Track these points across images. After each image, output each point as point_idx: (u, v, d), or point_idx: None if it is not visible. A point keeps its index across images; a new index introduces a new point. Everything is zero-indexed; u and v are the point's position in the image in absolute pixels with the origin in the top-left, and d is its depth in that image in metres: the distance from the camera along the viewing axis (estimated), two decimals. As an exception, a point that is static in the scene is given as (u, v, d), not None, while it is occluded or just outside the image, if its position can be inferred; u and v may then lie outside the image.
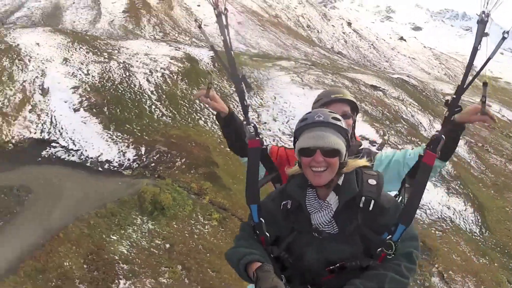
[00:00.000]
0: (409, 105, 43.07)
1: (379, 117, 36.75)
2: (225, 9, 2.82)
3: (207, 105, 3.05)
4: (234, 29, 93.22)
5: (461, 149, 40.05)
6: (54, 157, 25.34)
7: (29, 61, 35.06)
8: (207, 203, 21.16)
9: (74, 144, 26.10)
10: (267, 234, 2.54)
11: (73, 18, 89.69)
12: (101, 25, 79.93)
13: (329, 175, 2.39)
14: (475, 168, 39.46)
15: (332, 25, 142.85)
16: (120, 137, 27.31)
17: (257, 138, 2.71)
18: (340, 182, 2.44)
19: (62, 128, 27.48)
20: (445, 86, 71.09)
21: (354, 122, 3.54)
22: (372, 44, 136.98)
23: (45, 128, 27.77)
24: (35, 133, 27.16)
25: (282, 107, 35.42)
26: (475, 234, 28.80)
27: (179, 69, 35.33)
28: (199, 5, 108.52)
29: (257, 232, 2.58)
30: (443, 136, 2.52)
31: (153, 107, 31.28)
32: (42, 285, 15.40)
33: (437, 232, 26.40)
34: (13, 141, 26.55)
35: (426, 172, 2.43)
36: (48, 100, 30.34)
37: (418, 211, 19.81)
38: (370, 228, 2.38)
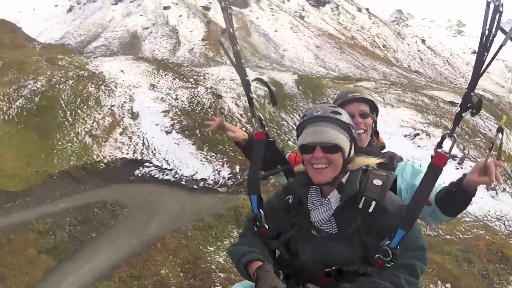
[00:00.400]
0: (486, 119, 43.32)
1: (458, 132, 35.87)
2: (229, 6, 3.02)
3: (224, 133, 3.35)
4: (313, 52, 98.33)
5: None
6: (147, 176, 27.48)
7: (115, 87, 38.02)
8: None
9: (168, 163, 28.24)
10: (266, 226, 2.63)
11: (152, 47, 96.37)
12: (181, 53, 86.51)
13: (331, 172, 2.43)
14: None
15: (407, 44, 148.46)
16: (214, 157, 29.11)
17: (261, 130, 2.88)
18: (344, 180, 2.48)
19: (155, 149, 29.73)
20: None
21: (375, 122, 3.56)
22: (447, 61, 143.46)
23: (137, 149, 30.11)
24: (127, 153, 29.50)
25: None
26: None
27: (266, 93, 37.25)
28: (276, 31, 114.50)
29: (257, 224, 2.67)
30: (454, 135, 2.57)
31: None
32: None
33: (516, 243, 26.82)
34: (105, 160, 28.91)
35: (434, 174, 2.40)
36: (139, 123, 32.94)
37: (496, 222, 19.42)
38: (369, 231, 2.37)
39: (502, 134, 2.40)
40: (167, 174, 27.26)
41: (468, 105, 2.51)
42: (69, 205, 23.40)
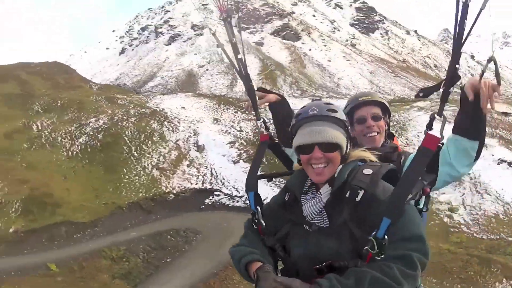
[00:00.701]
0: None
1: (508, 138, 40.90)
2: (230, 16, 3.15)
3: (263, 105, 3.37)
4: (367, 78, 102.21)
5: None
6: (218, 203, 28.76)
7: (179, 122, 39.69)
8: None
9: (237, 191, 29.48)
10: (263, 223, 2.69)
11: (210, 84, 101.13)
12: (239, 89, 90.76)
13: (330, 171, 2.46)
14: None
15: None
16: (283, 183, 30.47)
17: (266, 133, 3.00)
18: (336, 174, 2.48)
19: (223, 178, 30.96)
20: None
21: (388, 124, 3.62)
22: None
23: (206, 179, 31.29)
24: (196, 184, 30.81)
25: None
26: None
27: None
28: (329, 60, 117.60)
29: (255, 221, 2.74)
30: (444, 115, 2.58)
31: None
32: None
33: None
34: (174, 191, 30.13)
35: (425, 157, 2.40)
36: (205, 155, 34.54)
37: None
38: (360, 223, 2.34)
39: (496, 63, 2.44)
40: (237, 201, 28.21)
41: (455, 80, 2.59)
42: (141, 234, 24.30)
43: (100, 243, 24.29)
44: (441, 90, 2.62)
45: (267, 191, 28.21)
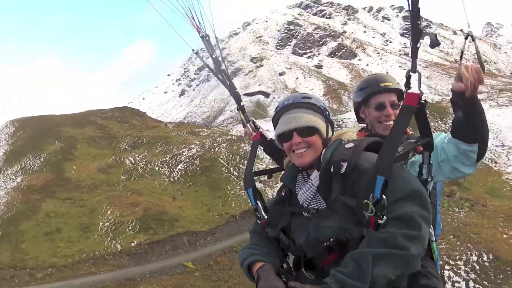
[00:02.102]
0: None
1: None
2: (207, 34, 3.37)
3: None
4: (425, 84, 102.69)
5: None
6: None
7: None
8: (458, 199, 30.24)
9: None
10: (265, 216, 2.77)
11: None
12: None
13: (311, 154, 2.55)
14: None
15: (504, 52, 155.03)
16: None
17: (255, 133, 3.16)
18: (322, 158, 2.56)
19: None
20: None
21: None
22: None
23: None
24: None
25: (489, 127, 42.53)
26: None
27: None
28: (387, 72, 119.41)
29: (258, 216, 2.83)
30: (418, 71, 2.63)
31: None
32: None
33: None
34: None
35: (408, 113, 2.46)
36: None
37: None
38: (353, 193, 2.38)
39: (474, 40, 2.48)
40: None
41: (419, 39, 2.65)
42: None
43: (227, 243, 26.37)
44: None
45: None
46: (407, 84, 2.69)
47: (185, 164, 39.47)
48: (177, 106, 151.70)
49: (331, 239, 2.39)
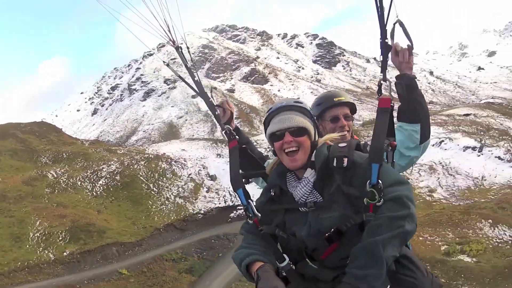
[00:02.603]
0: (497, 118, 57.14)
1: (475, 132, 49.61)
2: (180, 46, 3.45)
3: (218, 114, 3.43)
4: None
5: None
6: (243, 215, 33.76)
7: (185, 161, 44.04)
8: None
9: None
10: (259, 214, 2.83)
11: (191, 132, 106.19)
12: (219, 134, 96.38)
13: (302, 155, 2.72)
14: None
15: (418, 80, 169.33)
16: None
17: (233, 139, 3.17)
18: (313, 158, 2.76)
19: None
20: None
21: (353, 122, 3.95)
22: (456, 84, 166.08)
23: (226, 199, 35.86)
24: (219, 203, 35.45)
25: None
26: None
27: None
28: (298, 97, 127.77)
29: (250, 215, 2.87)
30: (389, 79, 2.90)
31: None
32: None
33: None
34: (201, 212, 34.76)
35: (384, 114, 2.77)
36: (219, 182, 39.04)
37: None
38: (351, 183, 2.60)
39: (402, 24, 2.85)
40: None
41: (387, 49, 2.98)
42: (188, 242, 29.21)
43: (156, 252, 28.92)
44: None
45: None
46: (379, 91, 2.96)
47: (106, 180, 41.67)
48: (90, 124, 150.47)
49: (332, 229, 2.56)
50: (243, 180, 3.07)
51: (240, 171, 3.04)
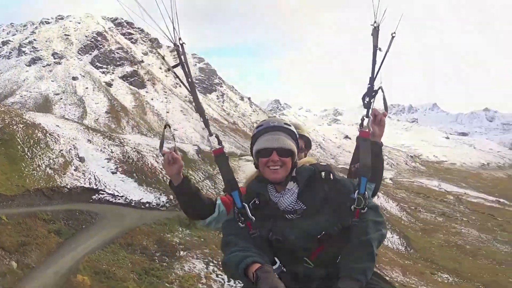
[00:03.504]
0: None
1: None
2: (182, 43, 3.19)
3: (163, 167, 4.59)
4: (199, 133, 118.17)
5: (393, 209, 70.47)
6: (103, 199, 39.42)
7: (58, 136, 49.38)
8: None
9: (118, 192, 40.35)
10: (253, 218, 2.98)
11: (63, 112, 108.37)
12: (88, 122, 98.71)
13: (284, 172, 3.00)
14: (406, 220, 68.02)
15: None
16: (153, 190, 42.38)
17: (220, 147, 3.12)
18: (294, 174, 3.09)
19: (105, 183, 41.90)
20: (387, 173, 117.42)
21: (305, 155, 4.16)
22: (319, 145, 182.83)
23: (92, 181, 42.23)
24: (84, 183, 41.35)
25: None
26: (401, 250, 49.99)
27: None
28: (168, 112, 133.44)
29: (242, 218, 3.01)
30: (370, 116, 3.15)
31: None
32: (131, 251, 29.83)
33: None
34: (68, 186, 40.61)
35: (365, 142, 3.10)
36: (87, 165, 44.77)
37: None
38: (339, 192, 2.98)
39: (383, 91, 3.22)
40: (119, 199, 39.48)
41: (373, 94, 3.22)
42: (56, 209, 34.58)
43: (29, 210, 33.59)
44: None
45: (142, 194, 41.02)
46: (361, 125, 3.26)
47: (-15, 134, 45.15)
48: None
49: (323, 232, 2.85)
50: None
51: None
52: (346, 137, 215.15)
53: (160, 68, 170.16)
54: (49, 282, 22.57)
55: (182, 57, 3.25)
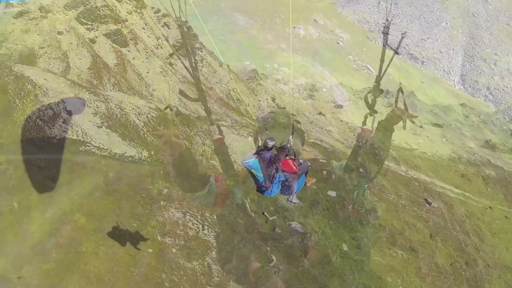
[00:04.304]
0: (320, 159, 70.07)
1: None
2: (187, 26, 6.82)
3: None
4: (177, 96, 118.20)
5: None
6: (90, 151, 42.91)
7: (47, 89, 52.47)
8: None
9: (103, 145, 43.81)
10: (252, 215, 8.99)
11: (47, 66, 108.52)
12: (71, 77, 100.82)
13: None
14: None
15: (259, 100, 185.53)
16: (136, 145, 45.55)
17: (220, 137, 9.20)
18: None
19: (92, 136, 45.06)
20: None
21: None
22: None
23: (79, 134, 45.26)
24: (72, 136, 44.68)
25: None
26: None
27: (157, 114, 55.02)
28: (148, 72, 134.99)
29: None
30: (374, 114, 9.51)
31: (147, 134, 50.53)
32: (117, 198, 33.15)
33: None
34: (57, 137, 43.86)
35: (363, 139, 9.42)
36: (74, 118, 48.34)
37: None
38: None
39: (403, 92, 9.83)
40: (104, 152, 42.40)
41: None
42: (46, 157, 38.04)
43: (25, 157, 37.00)
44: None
45: (126, 148, 43.89)
46: (364, 122, 7.79)
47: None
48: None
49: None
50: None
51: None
52: (320, 113, 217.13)
53: (143, 29, 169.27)
54: (48, 219, 25.61)
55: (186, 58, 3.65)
